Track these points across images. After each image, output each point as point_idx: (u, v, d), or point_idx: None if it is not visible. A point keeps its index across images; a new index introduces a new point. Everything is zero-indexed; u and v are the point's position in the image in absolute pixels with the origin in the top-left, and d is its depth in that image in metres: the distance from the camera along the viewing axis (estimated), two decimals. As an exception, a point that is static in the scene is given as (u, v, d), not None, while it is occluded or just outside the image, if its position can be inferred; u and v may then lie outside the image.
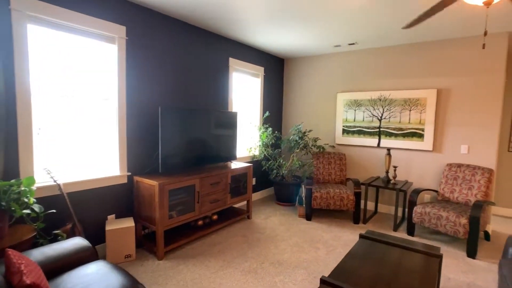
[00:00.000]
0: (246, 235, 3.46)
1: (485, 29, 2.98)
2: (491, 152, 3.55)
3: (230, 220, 3.68)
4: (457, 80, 3.72)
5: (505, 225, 3.99)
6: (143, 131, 3.12)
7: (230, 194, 3.63)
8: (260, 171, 4.93)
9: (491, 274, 2.70)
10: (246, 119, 4.64)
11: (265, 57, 4.81)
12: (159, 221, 2.77)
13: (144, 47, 3.05)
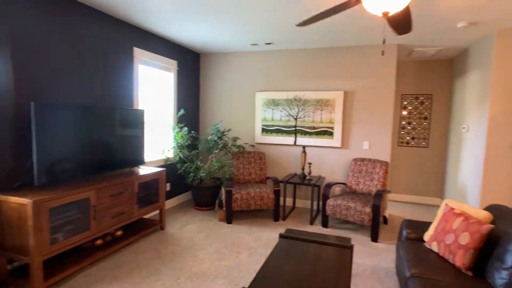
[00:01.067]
0: (159, 248, 3.00)
1: (383, 38, 3.38)
2: (386, 146, 4.08)
3: (140, 234, 3.15)
4: (360, 83, 4.15)
5: (398, 209, 4.66)
6: (6, 133, 2.33)
7: (138, 205, 3.10)
8: (176, 175, 4.48)
9: (390, 255, 3.02)
10: (158, 118, 4.13)
11: (179, 50, 4.41)
12: (34, 250, 2.08)
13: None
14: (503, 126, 3.35)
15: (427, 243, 2.39)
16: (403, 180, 5.08)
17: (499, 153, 3.38)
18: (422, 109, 4.87)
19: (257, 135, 4.66)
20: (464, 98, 4.13)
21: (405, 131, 4.98)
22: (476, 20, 3.03)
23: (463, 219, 2.20)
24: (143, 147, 3.37)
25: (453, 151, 4.43)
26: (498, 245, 2.03)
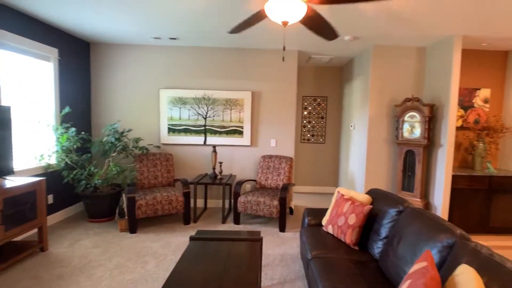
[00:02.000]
0: (39, 275, 2.44)
1: (284, 45, 3.69)
2: (291, 143, 4.44)
3: (9, 261, 2.49)
4: (266, 84, 4.39)
5: (302, 199, 5.13)
6: None
7: (5, 226, 2.45)
8: (61, 185, 3.76)
9: (296, 241, 3.29)
10: (33, 117, 3.37)
11: (60, 36, 3.71)
12: None
13: None
14: (379, 124, 4.11)
15: (325, 227, 2.69)
16: (305, 173, 5.67)
17: (377, 146, 4.13)
18: (319, 109, 5.55)
19: (163, 135, 4.36)
20: (351, 101, 4.89)
21: (306, 129, 5.57)
22: (358, 35, 3.62)
23: (351, 203, 2.57)
24: (11, 152, 2.68)
25: (344, 146, 5.20)
26: (376, 222, 2.45)
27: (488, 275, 1.38)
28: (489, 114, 4.14)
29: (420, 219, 2.02)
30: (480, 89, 4.12)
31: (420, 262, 1.56)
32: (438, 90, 3.79)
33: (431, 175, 3.89)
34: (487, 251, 1.51)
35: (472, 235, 3.77)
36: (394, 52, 4.03)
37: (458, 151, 4.17)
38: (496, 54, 4.12)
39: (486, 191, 3.75)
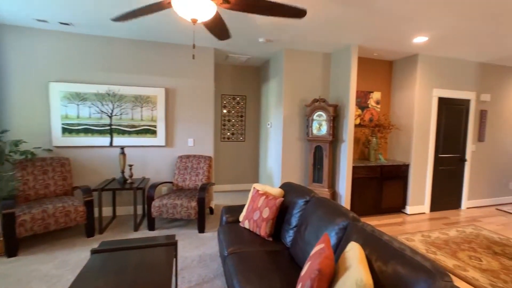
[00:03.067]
0: None
1: (193, 43, 3.61)
2: (210, 142, 4.41)
3: None
4: (181, 81, 4.24)
5: (223, 198, 5.15)
6: None
7: None
8: None
9: (215, 241, 3.28)
10: None
11: None
12: None
13: None
14: (292, 122, 4.45)
15: (241, 223, 2.76)
16: (226, 171, 5.72)
17: (291, 143, 4.46)
18: (238, 108, 5.68)
19: (55, 137, 3.74)
20: (268, 100, 5.15)
21: (226, 127, 5.62)
22: (271, 38, 3.83)
23: (265, 197, 2.70)
24: None
25: (263, 144, 5.45)
26: (288, 213, 2.64)
27: (370, 247, 1.64)
28: (380, 114, 4.95)
29: (323, 207, 2.26)
30: (373, 92, 4.88)
31: (319, 244, 1.74)
32: (340, 92, 4.33)
33: (336, 167, 4.43)
34: (370, 229, 1.79)
35: (368, 217, 4.46)
36: (304, 56, 4.43)
37: (357, 145, 4.86)
38: (384, 63, 4.96)
39: (379, 179, 4.47)
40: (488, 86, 5.05)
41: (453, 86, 4.77)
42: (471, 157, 5.04)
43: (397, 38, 3.69)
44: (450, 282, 1.28)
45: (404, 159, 4.73)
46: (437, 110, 4.69)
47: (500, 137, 5.28)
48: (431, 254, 3.16)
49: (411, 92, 4.61)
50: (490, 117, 5.14)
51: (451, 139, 4.87)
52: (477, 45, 3.91)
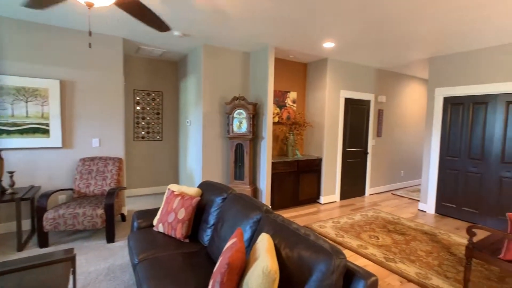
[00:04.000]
0: None
1: (89, 29, 3.23)
2: (119, 142, 4.00)
3: None
4: (82, 73, 3.73)
5: (138, 202, 4.77)
6: None
7: None
8: None
9: (127, 250, 3.00)
10: None
11: None
12: None
13: None
14: (212, 120, 4.40)
15: (155, 227, 2.59)
16: (141, 173, 5.33)
17: (211, 141, 4.41)
18: (154, 105, 5.34)
19: None
20: (187, 97, 4.98)
21: (140, 126, 5.22)
22: (188, 32, 3.70)
23: (181, 198, 2.59)
24: None
25: (183, 142, 5.25)
26: (205, 211, 2.59)
27: (280, 236, 1.72)
28: (296, 112, 5.33)
29: (239, 203, 2.29)
30: (290, 92, 5.21)
31: (232, 239, 1.75)
32: (259, 91, 4.49)
33: (256, 163, 4.57)
34: (281, 219, 1.89)
35: (288, 209, 4.75)
36: (224, 54, 4.43)
37: (276, 142, 5.12)
38: (300, 65, 5.34)
39: (296, 173, 4.80)
40: (384, 89, 5.96)
41: (357, 88, 5.47)
42: (372, 151, 5.86)
43: (309, 42, 4.02)
44: (344, 259, 1.43)
45: (318, 154, 5.20)
46: (344, 109, 5.30)
47: (394, 133, 6.28)
48: (340, 238, 3.55)
49: (322, 93, 5.09)
50: (386, 116, 6.07)
51: (356, 135, 5.57)
52: (375, 53, 4.56)
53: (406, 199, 5.57)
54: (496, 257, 2.25)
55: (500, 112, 4.03)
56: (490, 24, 3.16)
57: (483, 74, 4.14)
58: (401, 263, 2.94)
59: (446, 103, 4.62)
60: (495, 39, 3.67)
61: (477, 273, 2.79)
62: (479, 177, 4.25)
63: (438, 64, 4.66)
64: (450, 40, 3.78)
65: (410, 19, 3.07)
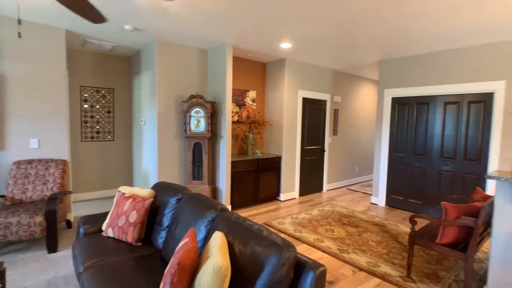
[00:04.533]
0: None
1: (18, 17, 2.94)
2: (64, 143, 3.70)
3: None
4: (15, 66, 3.38)
5: (87, 208, 4.46)
6: None
7: None
8: None
9: (71, 259, 2.78)
10: None
11: None
12: None
13: None
14: (168, 119, 4.26)
15: (104, 232, 2.44)
16: (91, 176, 4.99)
17: (168, 140, 4.27)
18: (105, 102, 5.02)
19: None
20: (140, 95, 4.77)
21: (88, 125, 4.87)
22: (139, 27, 3.53)
23: (132, 200, 2.47)
24: None
25: (137, 142, 5.02)
26: (159, 213, 2.51)
27: (234, 234, 1.72)
28: (256, 111, 5.38)
29: (194, 202, 2.25)
30: (250, 91, 5.25)
31: (184, 239, 1.71)
32: (218, 89, 4.45)
33: (216, 163, 4.53)
34: (235, 217, 1.89)
35: (248, 207, 4.78)
36: (179, 50, 4.32)
37: (236, 141, 5.13)
38: (259, 64, 5.40)
39: (256, 171, 4.85)
40: (340, 89, 6.27)
41: (314, 88, 5.68)
42: (329, 148, 6.14)
43: (266, 42, 4.08)
44: (294, 251, 1.48)
45: (277, 152, 5.31)
46: (302, 108, 5.48)
47: (348, 131, 6.64)
48: (298, 233, 3.66)
49: (281, 92, 5.21)
50: (341, 115, 6.39)
51: (313, 133, 5.79)
52: (330, 55, 4.77)
53: (360, 194, 5.92)
54: (433, 242, 2.50)
55: (439, 112, 4.47)
56: (426, 32, 3.49)
57: (425, 76, 4.56)
58: (354, 254, 3.12)
59: (394, 103, 5.00)
60: (433, 46, 4.06)
61: (419, 258, 3.06)
62: (423, 171, 4.67)
63: (387, 66, 5.03)
64: (396, 45, 4.10)
65: (361, 24, 3.26)
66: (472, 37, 3.70)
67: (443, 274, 2.75)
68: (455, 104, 4.31)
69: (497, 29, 3.37)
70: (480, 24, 3.22)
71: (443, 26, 3.33)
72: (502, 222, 2.27)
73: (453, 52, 4.24)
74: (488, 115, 3.99)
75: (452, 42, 3.93)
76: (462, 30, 3.41)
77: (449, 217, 2.40)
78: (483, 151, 4.05)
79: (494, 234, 2.31)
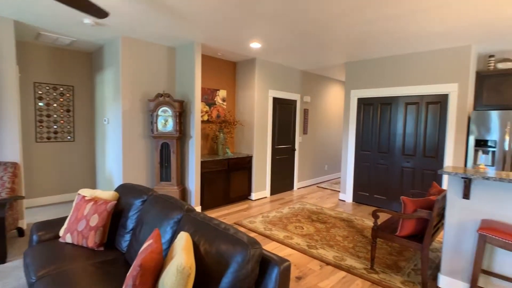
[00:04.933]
0: None
1: None
2: (14, 144, 3.44)
3: None
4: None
5: (41, 214, 4.18)
6: None
7: None
8: None
9: (23, 270, 2.60)
10: None
11: None
12: None
13: None
14: (134, 118, 4.12)
15: (62, 237, 2.31)
16: (48, 180, 4.68)
17: (133, 140, 4.13)
18: (63, 101, 4.72)
19: None
20: (103, 93, 4.56)
21: (44, 124, 4.56)
22: (100, 22, 3.37)
23: (93, 203, 2.36)
24: None
25: (100, 143, 4.79)
26: (123, 216, 2.42)
27: (199, 233, 1.71)
28: (226, 111, 5.37)
29: (160, 204, 2.20)
30: (220, 90, 5.22)
31: (148, 241, 1.67)
32: (186, 88, 4.38)
33: (185, 163, 4.46)
34: (202, 216, 1.88)
35: (219, 208, 4.75)
36: (145, 47, 4.19)
37: (207, 141, 5.08)
38: (229, 63, 5.39)
39: (227, 171, 4.84)
40: (309, 90, 6.43)
41: (284, 88, 5.78)
42: (299, 147, 6.28)
43: (235, 41, 4.08)
44: (259, 248, 1.51)
45: (248, 152, 5.33)
46: (272, 108, 5.55)
47: (318, 130, 6.84)
48: (268, 231, 3.70)
49: (251, 92, 5.24)
50: (311, 115, 6.56)
51: (284, 132, 5.89)
52: (300, 56, 4.88)
53: (329, 191, 6.13)
54: (394, 234, 2.65)
55: (401, 112, 4.74)
56: (388, 37, 3.69)
57: (387, 78, 4.82)
58: (322, 249, 3.23)
59: (360, 104, 5.23)
60: (395, 49, 4.30)
61: (382, 250, 3.24)
62: (386, 168, 4.93)
63: (352, 68, 5.25)
64: (361, 48, 4.29)
65: (328, 27, 3.37)
66: (430, 42, 3.97)
67: (403, 264, 2.93)
68: (415, 105, 4.60)
69: (450, 36, 3.65)
70: (436, 31, 3.46)
71: (404, 32, 3.54)
72: (453, 213, 2.47)
73: (413, 55, 4.52)
74: (444, 115, 4.31)
75: (412, 46, 4.19)
76: (421, 35, 3.65)
77: (407, 210, 2.56)
78: (440, 148, 4.36)
79: (447, 224, 2.51)
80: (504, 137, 3.85)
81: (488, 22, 3.17)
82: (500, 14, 2.94)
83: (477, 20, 3.13)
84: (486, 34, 3.58)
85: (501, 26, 3.29)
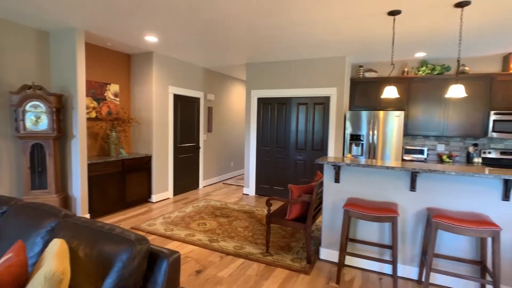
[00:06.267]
0: None
1: None
2: None
3: None
4: None
5: None
6: None
7: None
8: None
9: None
10: None
11: None
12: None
13: None
14: (-10, 113, 3.39)
15: None
16: None
17: (-9, 142, 3.40)
18: None
19: None
20: None
21: None
22: None
23: None
24: None
25: None
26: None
27: (79, 238, 1.58)
28: (119, 107, 4.97)
29: (26, 213, 1.91)
30: (111, 84, 4.79)
31: (6, 255, 1.45)
32: (66, 81, 3.86)
33: (66, 167, 3.94)
34: (83, 220, 1.73)
35: (113, 214, 4.37)
36: (5, 28, 3.50)
37: (96, 140, 4.60)
38: (122, 55, 4.98)
39: (121, 173, 4.49)
40: (213, 88, 6.53)
41: (186, 85, 5.72)
42: (204, 145, 6.33)
43: (126, 32, 3.82)
44: (146, 244, 1.50)
45: (147, 151, 5.08)
46: (173, 105, 5.43)
47: (222, 128, 7.02)
48: (169, 232, 3.64)
49: (149, 87, 5.00)
50: (215, 113, 6.68)
51: (187, 130, 5.83)
52: (200, 53, 4.90)
53: (234, 187, 6.39)
54: (284, 219, 3.00)
55: (294, 111, 5.34)
56: (281, 43, 4.11)
57: (282, 80, 5.34)
58: (223, 241, 3.38)
59: (260, 103, 5.64)
60: (288, 55, 4.81)
61: (277, 235, 3.61)
62: (283, 161, 5.48)
63: (252, 69, 5.61)
64: (258, 51, 4.62)
65: (228, 26, 3.51)
66: (315, 51, 4.61)
67: (294, 244, 3.35)
68: (305, 105, 5.25)
69: (330, 47, 4.31)
70: (319, 42, 4.04)
71: (291, 40, 4.01)
72: (328, 195, 2.96)
73: (302, 61, 5.15)
74: (327, 114, 5.07)
75: (300, 53, 4.77)
76: (308, 43, 4.17)
77: (293, 196, 2.94)
78: (324, 142, 5.11)
79: (324, 205, 2.99)
80: (369, 132, 4.79)
81: (357, 39, 3.91)
82: (366, 33, 3.65)
83: (351, 36, 3.81)
84: (356, 48, 4.39)
85: (367, 43, 4.10)
